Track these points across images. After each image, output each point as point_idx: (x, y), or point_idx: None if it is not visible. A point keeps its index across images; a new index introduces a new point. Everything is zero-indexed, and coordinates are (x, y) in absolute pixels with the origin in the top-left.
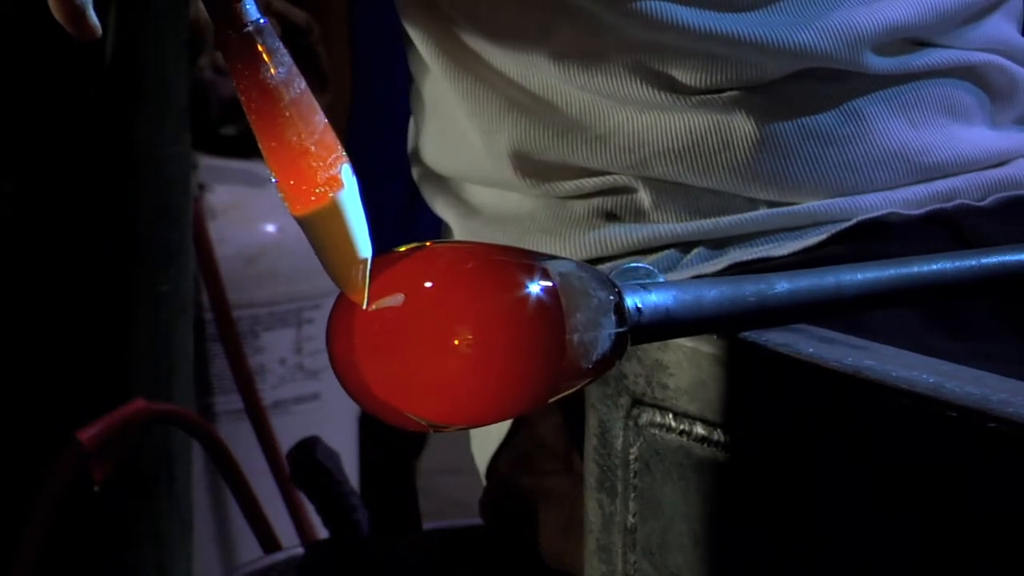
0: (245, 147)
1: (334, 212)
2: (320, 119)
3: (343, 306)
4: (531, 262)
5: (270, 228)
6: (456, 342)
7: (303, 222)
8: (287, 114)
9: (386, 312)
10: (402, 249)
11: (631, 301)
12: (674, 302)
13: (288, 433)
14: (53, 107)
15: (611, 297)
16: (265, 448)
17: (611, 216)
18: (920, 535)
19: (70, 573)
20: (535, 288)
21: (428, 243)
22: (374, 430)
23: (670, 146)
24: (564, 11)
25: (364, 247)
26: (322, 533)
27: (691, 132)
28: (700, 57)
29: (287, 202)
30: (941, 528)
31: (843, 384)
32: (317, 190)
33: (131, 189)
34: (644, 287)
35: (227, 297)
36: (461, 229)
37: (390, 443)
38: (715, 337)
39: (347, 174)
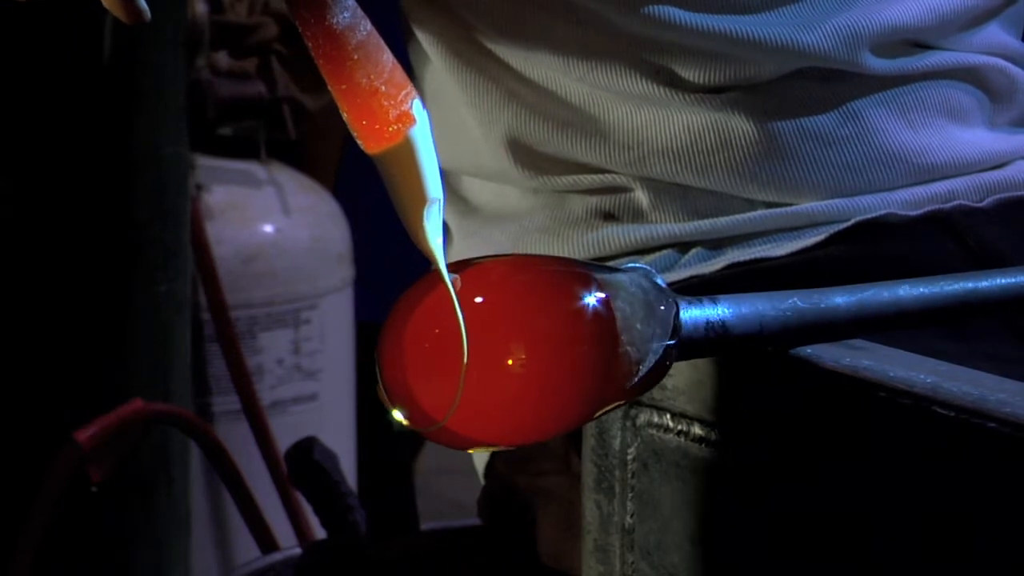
0: (242, 147)
1: (407, 148)
2: (388, 58)
3: (393, 327)
4: (584, 272)
5: (267, 228)
6: (509, 361)
7: (378, 160)
8: (355, 57)
9: (438, 333)
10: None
11: (688, 315)
12: (730, 317)
13: (286, 433)
14: (52, 107)
15: (662, 307)
16: (263, 448)
17: (609, 216)
18: (920, 535)
19: (68, 573)
20: (589, 301)
21: (474, 259)
22: (372, 431)
23: (668, 144)
24: (566, 8)
25: (434, 188)
26: (320, 533)
27: (689, 130)
28: (700, 54)
29: (361, 141)
30: (940, 528)
31: (841, 384)
32: (390, 128)
33: (129, 189)
34: (712, 301)
35: (225, 297)
36: (459, 228)
37: (388, 443)
38: None
39: (418, 108)
